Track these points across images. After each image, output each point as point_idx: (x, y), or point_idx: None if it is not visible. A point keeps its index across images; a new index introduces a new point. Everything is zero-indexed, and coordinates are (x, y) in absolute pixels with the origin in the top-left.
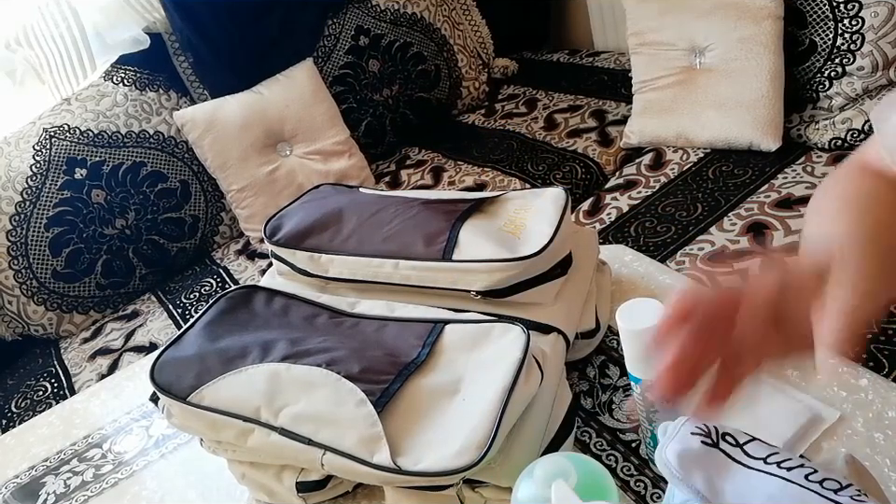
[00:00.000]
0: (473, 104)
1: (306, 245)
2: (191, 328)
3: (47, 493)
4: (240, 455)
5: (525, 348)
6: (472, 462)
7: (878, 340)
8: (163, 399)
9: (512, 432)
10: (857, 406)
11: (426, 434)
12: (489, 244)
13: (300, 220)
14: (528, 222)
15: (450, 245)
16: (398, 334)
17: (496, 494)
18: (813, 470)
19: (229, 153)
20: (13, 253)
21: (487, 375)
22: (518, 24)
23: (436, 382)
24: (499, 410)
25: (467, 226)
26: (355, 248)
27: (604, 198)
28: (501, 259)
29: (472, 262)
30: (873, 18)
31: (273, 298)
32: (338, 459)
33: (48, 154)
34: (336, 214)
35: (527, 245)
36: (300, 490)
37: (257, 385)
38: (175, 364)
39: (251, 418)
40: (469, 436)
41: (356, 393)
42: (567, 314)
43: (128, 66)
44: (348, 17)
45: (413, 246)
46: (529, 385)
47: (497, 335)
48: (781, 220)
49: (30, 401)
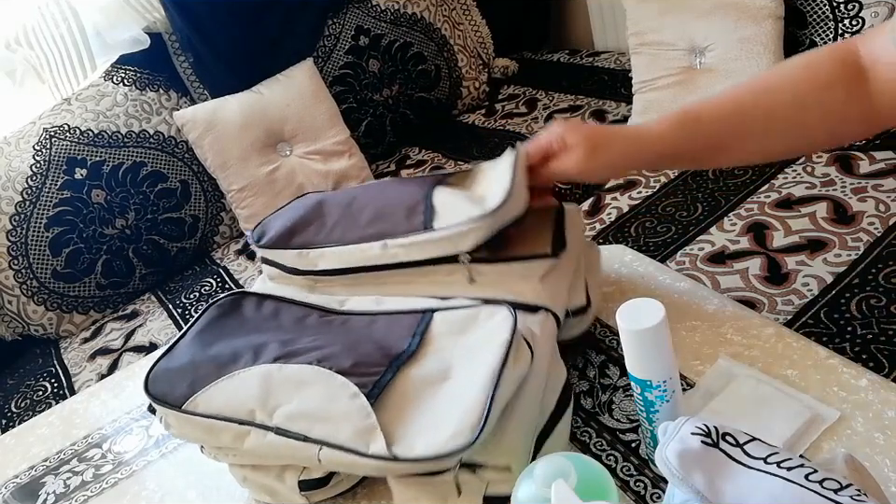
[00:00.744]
0: (473, 104)
1: (293, 243)
2: (182, 337)
3: (46, 493)
4: (240, 458)
5: (513, 328)
6: (467, 443)
7: (878, 340)
8: (159, 409)
9: (506, 412)
10: (857, 406)
11: (419, 421)
12: (463, 203)
13: (284, 221)
14: (491, 184)
15: (428, 215)
16: (387, 327)
17: (496, 474)
18: (813, 470)
19: (229, 153)
20: (13, 253)
21: (477, 358)
22: (518, 24)
23: (427, 370)
24: (490, 391)
25: (438, 193)
26: (341, 238)
27: (604, 198)
28: (479, 217)
29: (454, 227)
30: (873, 18)
31: (262, 302)
32: (334, 453)
33: (48, 154)
34: (317, 208)
35: (495, 198)
36: (302, 489)
37: (249, 387)
38: (168, 374)
39: (246, 421)
40: (462, 418)
41: (348, 387)
42: (555, 292)
43: (128, 66)
44: (348, 17)
45: (396, 223)
46: (519, 363)
47: (485, 318)
48: (781, 220)
49: (30, 401)
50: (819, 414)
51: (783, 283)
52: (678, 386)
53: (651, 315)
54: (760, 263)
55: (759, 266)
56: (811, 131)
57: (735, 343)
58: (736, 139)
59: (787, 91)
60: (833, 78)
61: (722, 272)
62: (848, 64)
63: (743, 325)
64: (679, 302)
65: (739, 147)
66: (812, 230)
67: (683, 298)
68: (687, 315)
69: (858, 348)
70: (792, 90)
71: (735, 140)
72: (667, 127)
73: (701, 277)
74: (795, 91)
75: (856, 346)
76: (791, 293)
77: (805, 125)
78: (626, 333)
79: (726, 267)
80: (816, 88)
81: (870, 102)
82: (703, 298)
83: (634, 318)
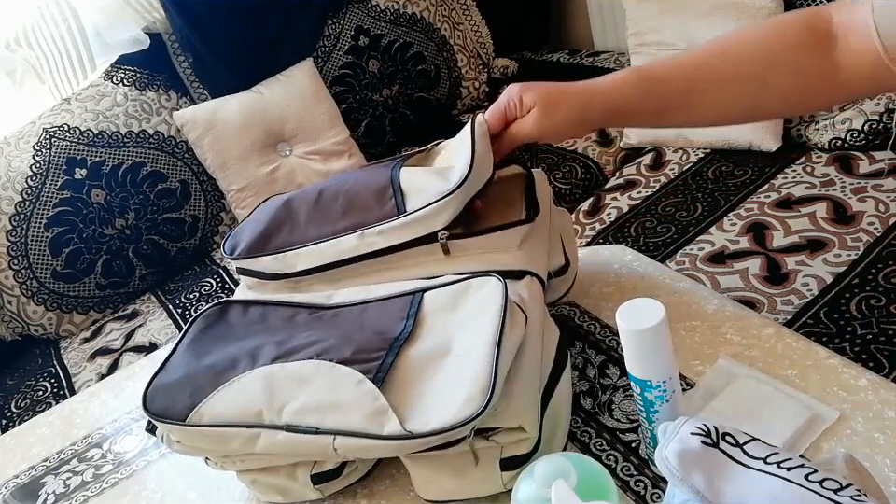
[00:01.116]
0: (473, 104)
1: (268, 247)
2: (174, 352)
3: (46, 493)
4: (249, 464)
5: (504, 294)
6: (479, 409)
7: (878, 340)
8: (162, 426)
9: (510, 375)
10: (856, 406)
11: (428, 397)
12: (431, 180)
13: (254, 228)
14: (456, 155)
15: (399, 198)
16: (380, 313)
17: (508, 437)
18: (813, 470)
19: (229, 153)
20: (13, 253)
21: (473, 329)
22: (518, 24)
23: (427, 348)
24: (494, 356)
25: (404, 174)
26: (316, 235)
27: (604, 198)
28: (448, 192)
29: (426, 207)
30: None
31: (248, 308)
32: (349, 440)
33: (47, 154)
34: (285, 209)
35: (461, 170)
36: (315, 482)
37: (253, 390)
38: (165, 389)
39: (254, 423)
40: (471, 387)
41: (353, 375)
42: (535, 255)
43: (128, 66)
44: (348, 17)
45: (368, 211)
46: (516, 328)
47: (475, 290)
48: (781, 220)
49: (30, 401)
50: (818, 414)
51: (783, 283)
52: (677, 386)
53: (650, 315)
54: (760, 263)
55: (759, 266)
56: (773, 93)
57: (734, 343)
58: (695, 96)
59: (755, 48)
60: (802, 40)
61: (722, 272)
62: (819, 30)
63: (743, 325)
64: (679, 302)
65: (698, 105)
66: (812, 230)
67: (683, 298)
68: (687, 315)
69: (858, 348)
70: (763, 47)
71: (693, 97)
72: (621, 82)
73: (701, 277)
74: (766, 49)
75: (856, 346)
76: (790, 293)
77: (769, 85)
78: (626, 333)
79: (726, 267)
80: (784, 48)
81: (836, 70)
82: (703, 298)
83: (634, 318)
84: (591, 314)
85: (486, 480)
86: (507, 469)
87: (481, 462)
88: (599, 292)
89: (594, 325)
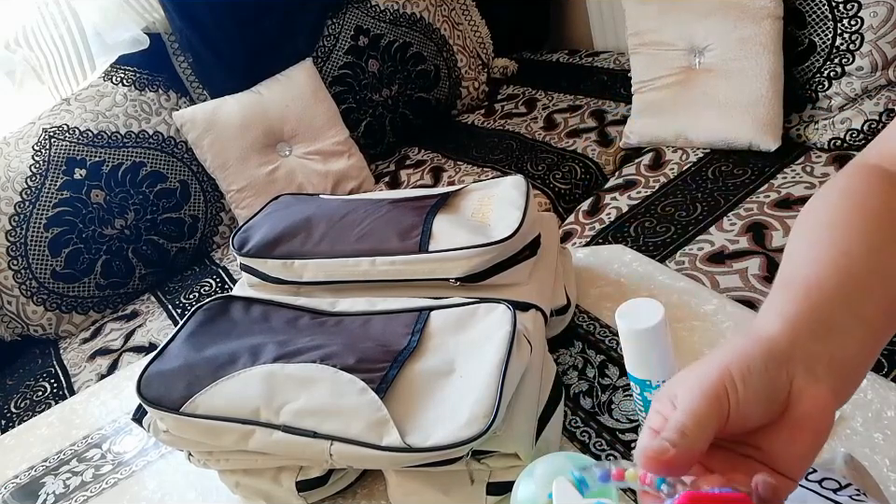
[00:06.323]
0: (473, 104)
1: (277, 252)
2: (172, 341)
3: (46, 493)
4: (233, 463)
5: (514, 322)
6: (482, 430)
7: None
8: (153, 412)
9: (511, 401)
10: (856, 406)
11: (430, 413)
12: (462, 231)
13: (268, 230)
14: (494, 209)
15: (425, 238)
16: (384, 326)
17: (501, 462)
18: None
19: (228, 153)
20: (13, 253)
21: (480, 351)
22: (518, 24)
23: (431, 365)
24: (499, 381)
25: (438, 219)
26: (328, 251)
27: (603, 198)
28: (478, 245)
29: (450, 251)
30: (872, 18)
31: (251, 305)
32: (346, 447)
33: (47, 154)
34: (304, 221)
35: (498, 229)
36: (300, 489)
37: (253, 387)
38: (161, 377)
39: (251, 420)
40: (474, 408)
41: (355, 383)
42: (541, 291)
43: (127, 66)
44: (348, 17)
45: (388, 242)
46: (521, 356)
47: (483, 314)
48: (781, 220)
49: (29, 401)
50: None
51: None
52: None
53: (650, 314)
54: (759, 263)
55: (758, 266)
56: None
57: None
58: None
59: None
60: (884, 189)
61: (722, 272)
62: (884, 173)
63: (743, 325)
64: (679, 302)
65: None
66: None
67: (683, 298)
68: (687, 315)
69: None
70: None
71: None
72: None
73: (700, 277)
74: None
75: None
76: None
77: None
78: (626, 333)
79: (725, 267)
80: (887, 210)
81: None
82: (702, 298)
83: (633, 318)
84: (591, 314)
85: (469, 500)
86: (492, 493)
87: (468, 483)
88: (599, 292)
89: (593, 325)
